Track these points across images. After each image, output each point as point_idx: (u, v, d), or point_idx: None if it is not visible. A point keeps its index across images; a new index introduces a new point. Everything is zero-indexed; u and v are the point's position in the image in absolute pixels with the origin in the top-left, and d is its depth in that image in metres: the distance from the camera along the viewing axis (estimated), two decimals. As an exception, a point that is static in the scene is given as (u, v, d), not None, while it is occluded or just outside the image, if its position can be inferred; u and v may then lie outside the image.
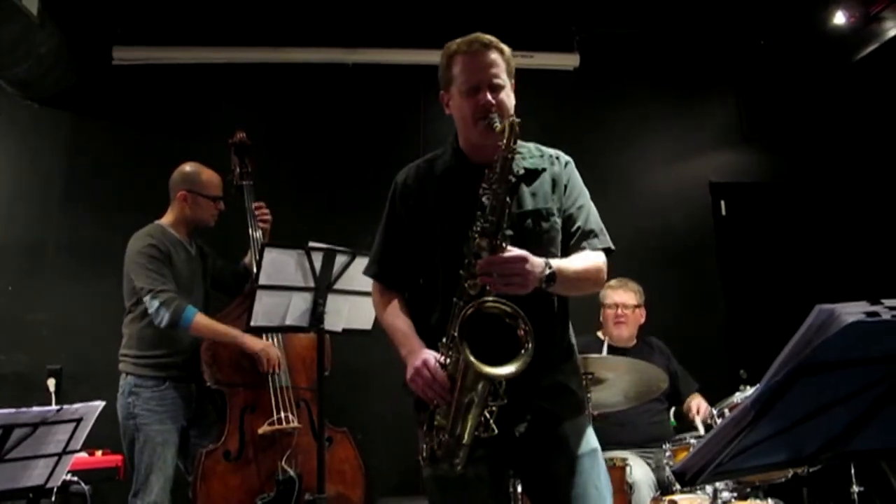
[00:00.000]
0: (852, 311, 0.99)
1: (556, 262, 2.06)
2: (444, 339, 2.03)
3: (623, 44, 5.37)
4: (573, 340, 2.32)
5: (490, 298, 1.95)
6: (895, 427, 1.25)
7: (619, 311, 4.07)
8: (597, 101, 5.35)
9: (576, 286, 2.16)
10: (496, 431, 1.96)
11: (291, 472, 3.48)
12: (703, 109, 5.53)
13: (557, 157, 2.32)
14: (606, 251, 2.27)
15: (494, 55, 2.18)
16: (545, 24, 5.27)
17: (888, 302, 1.04)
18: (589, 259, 2.20)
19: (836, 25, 5.04)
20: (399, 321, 2.23)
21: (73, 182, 4.83)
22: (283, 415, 3.56)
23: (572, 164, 2.34)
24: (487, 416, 1.96)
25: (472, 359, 1.87)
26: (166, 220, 3.83)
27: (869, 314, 1.00)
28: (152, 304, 3.50)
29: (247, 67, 5.01)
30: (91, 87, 4.84)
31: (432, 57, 4.84)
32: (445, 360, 2.01)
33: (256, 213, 3.88)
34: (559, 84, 5.25)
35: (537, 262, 1.99)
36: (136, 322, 3.66)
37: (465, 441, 1.98)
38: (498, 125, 2.05)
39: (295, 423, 3.55)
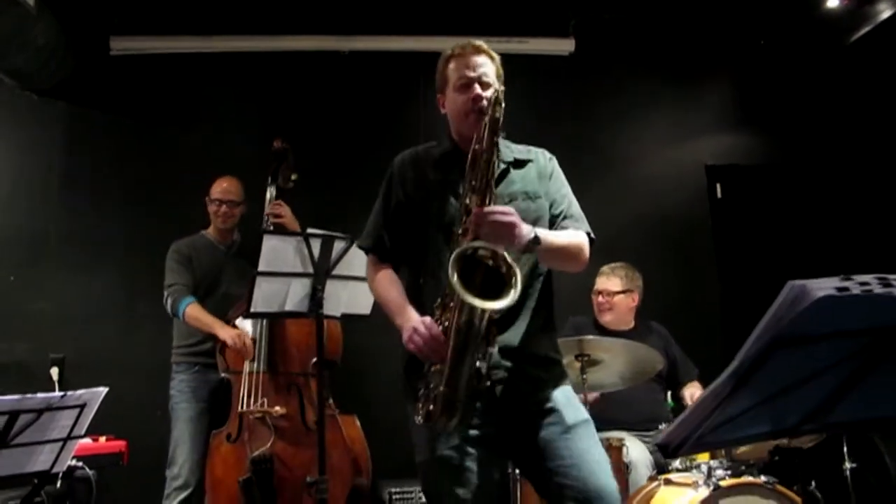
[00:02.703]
0: (823, 286, 1.03)
1: (541, 231, 2.19)
2: (437, 302, 2.14)
3: (618, 29, 5.38)
4: (553, 319, 2.42)
5: (477, 243, 2.04)
6: (873, 398, 1.29)
7: (602, 297, 4.13)
8: (592, 86, 5.36)
9: (557, 257, 2.28)
10: (490, 382, 2.08)
11: (257, 453, 3.65)
12: (699, 93, 5.55)
13: (542, 153, 2.49)
14: (588, 238, 2.38)
15: (484, 58, 2.36)
16: (540, 9, 5.28)
17: (859, 278, 1.08)
18: (572, 236, 2.32)
19: (829, 8, 5.06)
20: (393, 292, 2.34)
21: (73, 172, 4.87)
22: (255, 400, 3.72)
23: (555, 160, 2.50)
24: (479, 365, 2.04)
25: (465, 293, 1.93)
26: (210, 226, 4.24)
27: (839, 289, 1.04)
28: (164, 296, 4.01)
29: (243, 56, 5.03)
30: (89, 78, 4.86)
31: (429, 44, 4.97)
32: (439, 322, 2.10)
33: (270, 211, 4.08)
34: (554, 69, 5.27)
35: (525, 224, 2.13)
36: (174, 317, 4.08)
37: (460, 389, 2.04)
38: (486, 104, 2.21)
39: (262, 407, 3.70)
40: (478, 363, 2.04)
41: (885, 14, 4.89)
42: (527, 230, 2.12)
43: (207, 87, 5.02)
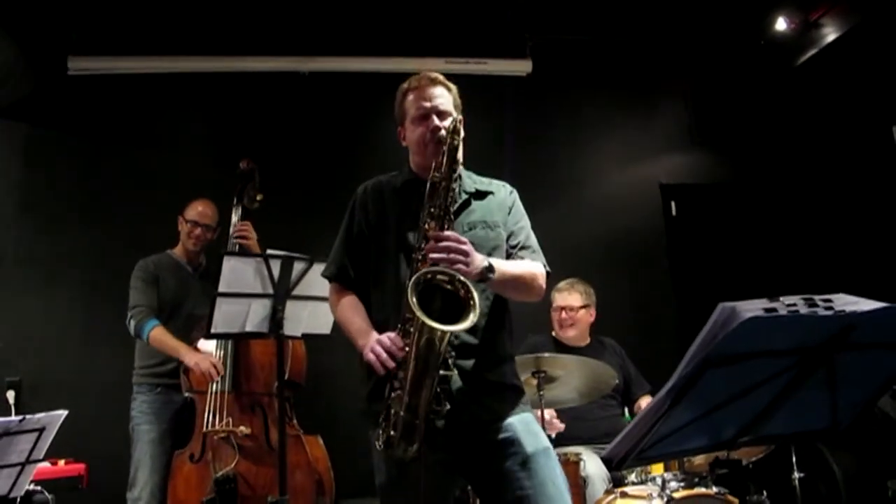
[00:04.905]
0: (751, 308, 1.10)
1: (496, 261, 2.23)
2: (398, 329, 2.16)
3: (575, 49, 5.48)
4: (512, 348, 2.45)
5: (436, 268, 2.08)
6: (803, 412, 1.36)
7: (565, 314, 4.18)
8: (549, 107, 5.45)
9: (512, 286, 2.32)
10: (449, 406, 2.10)
11: (220, 473, 3.64)
12: (654, 113, 5.68)
13: (504, 186, 2.55)
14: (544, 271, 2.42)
15: (441, 89, 2.42)
16: (498, 30, 5.37)
17: (786, 299, 1.15)
18: (526, 266, 2.37)
19: (778, 31, 5.24)
20: (356, 317, 2.37)
21: (29, 193, 4.82)
22: (219, 419, 3.73)
23: (516, 194, 2.55)
24: (439, 389, 2.09)
25: (424, 316, 1.97)
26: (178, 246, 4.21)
27: (767, 310, 1.11)
28: (128, 317, 3.95)
29: (202, 77, 5.03)
30: (46, 98, 4.83)
31: (388, 64, 5.03)
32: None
33: (235, 232, 4.06)
34: (512, 90, 5.35)
35: (479, 254, 2.18)
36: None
37: (420, 414, 2.08)
38: (444, 134, 2.25)
39: (225, 427, 3.70)
40: (437, 388, 2.08)
41: (830, 38, 5.08)
42: (480, 259, 2.15)
43: (167, 108, 5.02)
